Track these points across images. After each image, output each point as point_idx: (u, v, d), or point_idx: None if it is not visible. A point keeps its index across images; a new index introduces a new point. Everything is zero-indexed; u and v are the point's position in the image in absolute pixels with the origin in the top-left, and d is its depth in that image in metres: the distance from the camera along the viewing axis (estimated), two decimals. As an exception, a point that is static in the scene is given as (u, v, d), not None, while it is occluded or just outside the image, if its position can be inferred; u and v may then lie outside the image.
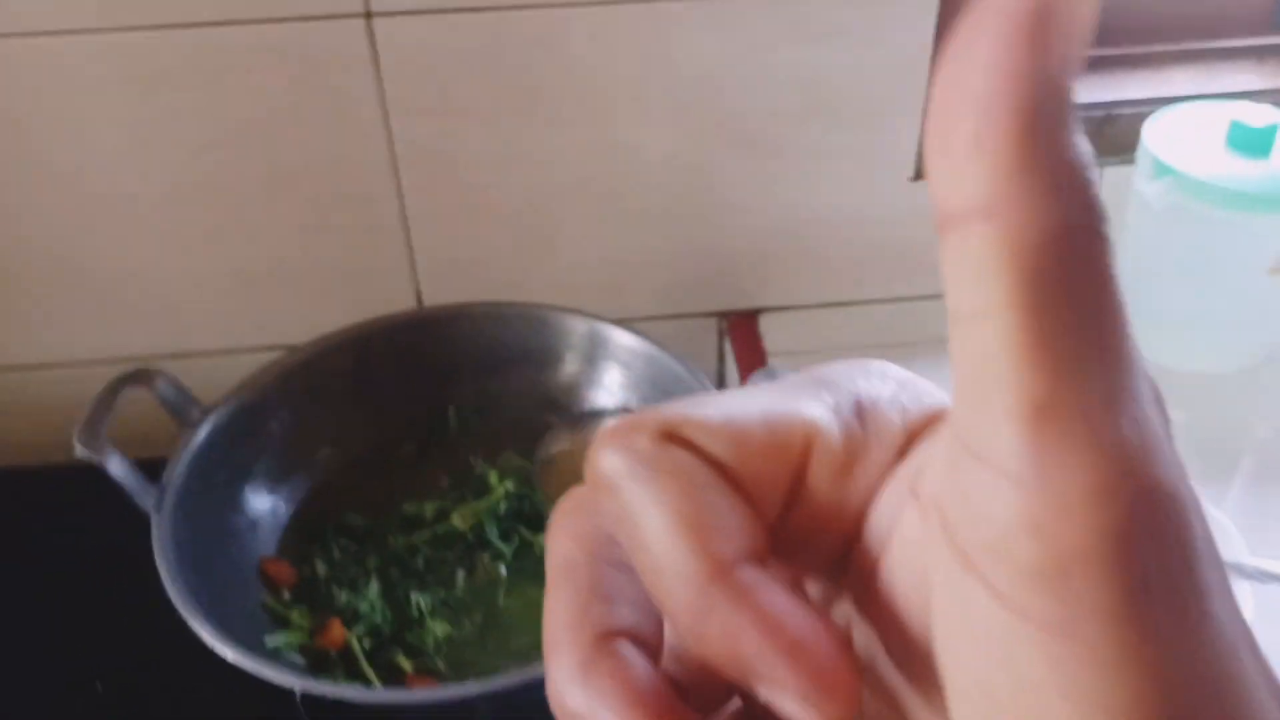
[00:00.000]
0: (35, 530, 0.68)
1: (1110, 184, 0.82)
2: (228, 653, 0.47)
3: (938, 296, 0.63)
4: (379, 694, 0.50)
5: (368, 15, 0.67)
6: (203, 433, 0.58)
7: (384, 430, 0.65)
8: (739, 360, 0.80)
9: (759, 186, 0.80)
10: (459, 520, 0.61)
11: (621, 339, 0.65)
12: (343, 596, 0.57)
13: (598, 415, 0.65)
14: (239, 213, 0.74)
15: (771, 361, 0.78)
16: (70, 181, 0.72)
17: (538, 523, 0.61)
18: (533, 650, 0.54)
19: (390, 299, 0.75)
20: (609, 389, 0.66)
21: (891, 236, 0.83)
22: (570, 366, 0.66)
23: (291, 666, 0.52)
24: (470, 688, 0.46)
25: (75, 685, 0.59)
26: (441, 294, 0.77)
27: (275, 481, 0.61)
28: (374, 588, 0.57)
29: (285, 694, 0.55)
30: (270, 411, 0.61)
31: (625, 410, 0.65)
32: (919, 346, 0.82)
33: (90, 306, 0.77)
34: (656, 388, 0.64)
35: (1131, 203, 0.78)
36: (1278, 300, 0.78)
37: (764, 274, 0.85)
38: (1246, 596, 0.58)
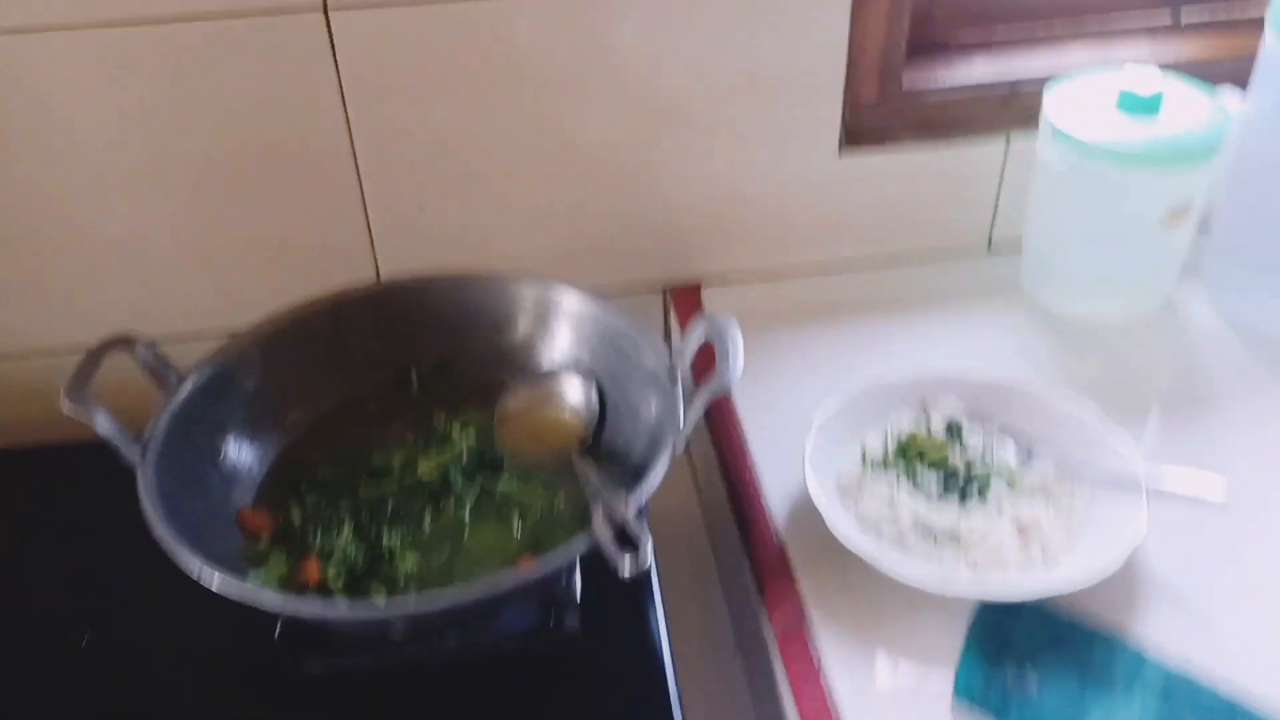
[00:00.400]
0: (23, 507, 0.71)
1: (1018, 153, 0.89)
2: (214, 579, 0.51)
3: (867, 263, 0.70)
4: (353, 609, 0.53)
5: (325, 9, 0.72)
6: (181, 393, 0.62)
7: (351, 392, 0.70)
8: (684, 331, 0.86)
9: (696, 164, 0.85)
10: (424, 469, 0.65)
11: (570, 300, 0.70)
12: (317, 539, 0.61)
13: (552, 372, 0.70)
14: (206, 195, 0.78)
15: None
16: (47, 168, 0.75)
17: (497, 470, 0.66)
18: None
19: (350, 272, 0.80)
20: (561, 348, 0.70)
21: (821, 207, 0.89)
22: (524, 328, 0.71)
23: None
24: (436, 601, 0.51)
25: (67, 639, 0.62)
26: (398, 267, 0.82)
27: (250, 439, 0.65)
28: (347, 530, 0.61)
29: (265, 634, 0.59)
30: (244, 375, 0.65)
31: (582, 368, 0.70)
32: (850, 311, 0.88)
33: (61, 289, 0.80)
34: (606, 343, 0.69)
35: (1037, 169, 0.85)
36: (1170, 251, 0.85)
37: (705, 247, 0.90)
38: (1141, 520, 0.64)
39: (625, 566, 0.50)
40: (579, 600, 0.63)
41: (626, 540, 0.51)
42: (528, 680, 0.60)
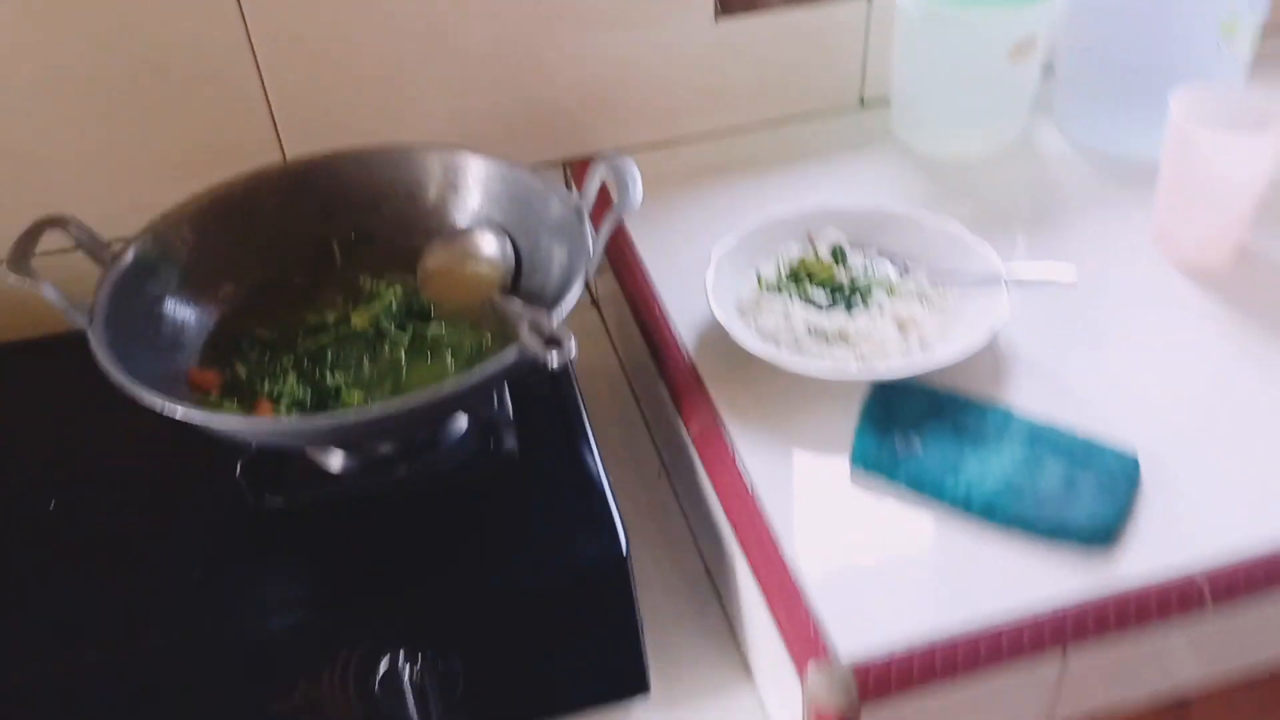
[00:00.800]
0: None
1: (881, 7, 0.96)
2: (177, 410, 0.56)
3: (751, 126, 0.78)
4: (306, 422, 0.58)
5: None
6: (119, 265, 0.66)
7: (278, 266, 0.74)
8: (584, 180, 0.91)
9: (582, 42, 0.90)
10: (358, 320, 0.70)
11: (476, 164, 0.75)
12: (265, 386, 0.66)
13: (467, 229, 0.75)
14: (107, 103, 0.81)
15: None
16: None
17: (426, 318, 0.71)
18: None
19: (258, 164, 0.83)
20: (472, 208, 0.76)
21: (703, 75, 0.95)
22: (435, 194, 0.76)
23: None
24: (379, 410, 0.56)
25: (35, 506, 0.67)
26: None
27: (188, 307, 0.69)
28: (292, 377, 0.66)
29: (225, 477, 0.64)
30: (175, 248, 0.69)
31: (494, 224, 0.75)
32: (738, 170, 0.95)
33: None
34: (514, 199, 0.74)
35: (897, 20, 0.92)
36: (1019, 86, 0.93)
37: (597, 123, 0.96)
38: (1003, 304, 0.72)
39: (553, 359, 0.56)
40: (514, 424, 0.69)
41: (551, 342, 0.57)
42: (473, 501, 0.66)
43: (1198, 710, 0.65)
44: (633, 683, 0.65)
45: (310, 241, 0.76)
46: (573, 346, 0.57)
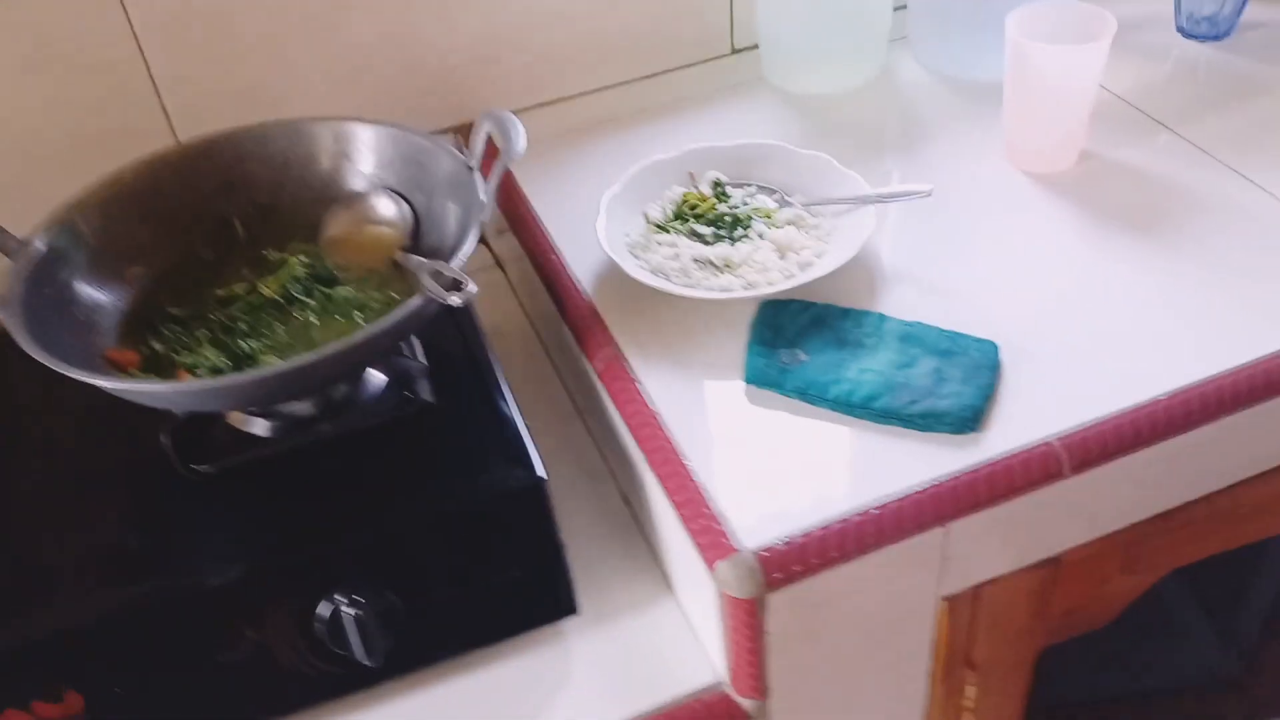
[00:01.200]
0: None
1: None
2: (105, 382, 0.59)
3: (628, 81, 0.83)
4: (229, 380, 0.61)
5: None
6: (27, 255, 0.68)
7: (183, 245, 0.76)
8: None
9: (459, 8, 0.93)
10: (267, 290, 0.73)
11: (364, 131, 0.78)
12: (183, 359, 0.69)
13: (363, 193, 0.78)
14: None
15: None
16: None
17: (332, 281, 0.74)
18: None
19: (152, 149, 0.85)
20: (365, 174, 0.79)
21: (578, 33, 0.99)
22: (328, 164, 0.79)
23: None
24: (294, 363, 0.60)
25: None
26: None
27: (99, 290, 0.71)
28: (207, 347, 0.69)
29: (150, 450, 0.67)
30: (81, 236, 0.71)
31: (387, 187, 0.78)
32: (619, 123, 0.99)
33: None
34: (406, 162, 0.78)
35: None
36: (875, 20, 0.99)
37: (480, 87, 0.99)
38: (870, 218, 0.78)
39: (456, 299, 0.60)
40: (429, 375, 0.73)
41: (453, 286, 0.61)
42: (395, 449, 0.70)
43: (1067, 566, 0.72)
44: (562, 604, 0.70)
45: (212, 219, 0.78)
46: (473, 286, 0.61)
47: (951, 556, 0.68)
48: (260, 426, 0.71)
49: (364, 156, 0.79)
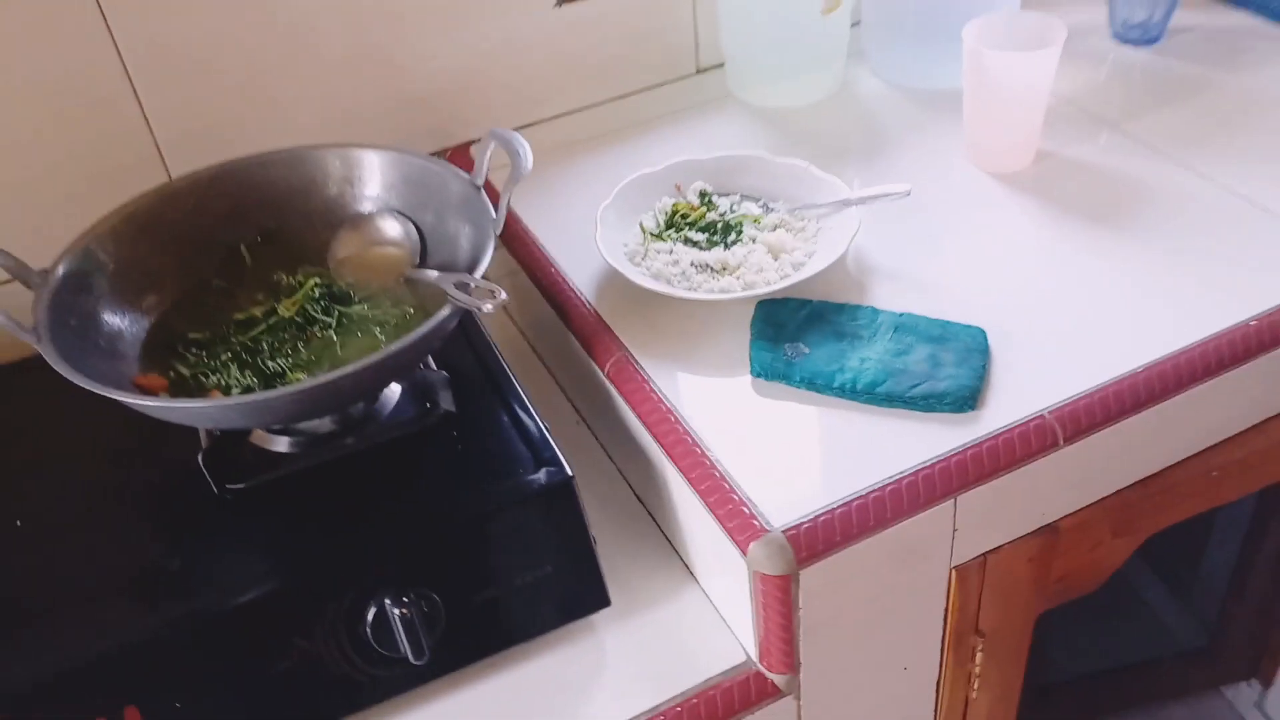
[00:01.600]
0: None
1: (702, -22, 1.06)
2: (153, 402, 0.60)
3: (602, 101, 0.87)
4: (270, 396, 0.63)
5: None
6: (49, 286, 0.69)
7: (192, 273, 0.78)
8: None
9: (437, 32, 0.96)
10: (285, 310, 0.75)
11: (368, 156, 0.81)
12: (211, 380, 0.70)
13: (370, 214, 0.80)
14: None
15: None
16: None
17: (347, 299, 0.77)
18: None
19: (146, 186, 0.86)
20: (372, 197, 0.81)
21: (550, 58, 1.03)
22: (334, 189, 0.81)
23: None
24: (345, 370, 0.62)
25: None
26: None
27: (119, 319, 0.73)
28: (234, 368, 0.71)
29: (186, 470, 0.69)
30: (99, 264, 0.72)
31: (393, 209, 0.81)
32: (598, 141, 1.03)
33: None
34: (410, 184, 0.80)
35: (721, -14, 1.02)
36: (834, 37, 1.04)
37: (464, 112, 1.02)
38: (855, 219, 0.83)
39: (489, 305, 0.63)
40: (448, 384, 0.75)
41: (481, 293, 0.64)
42: (424, 456, 0.72)
43: (1063, 532, 0.77)
44: (595, 598, 0.73)
45: (221, 247, 0.80)
46: (503, 293, 0.64)
47: (960, 527, 0.72)
48: (283, 445, 0.72)
49: (368, 180, 0.81)
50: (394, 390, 0.76)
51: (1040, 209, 0.89)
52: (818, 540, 0.65)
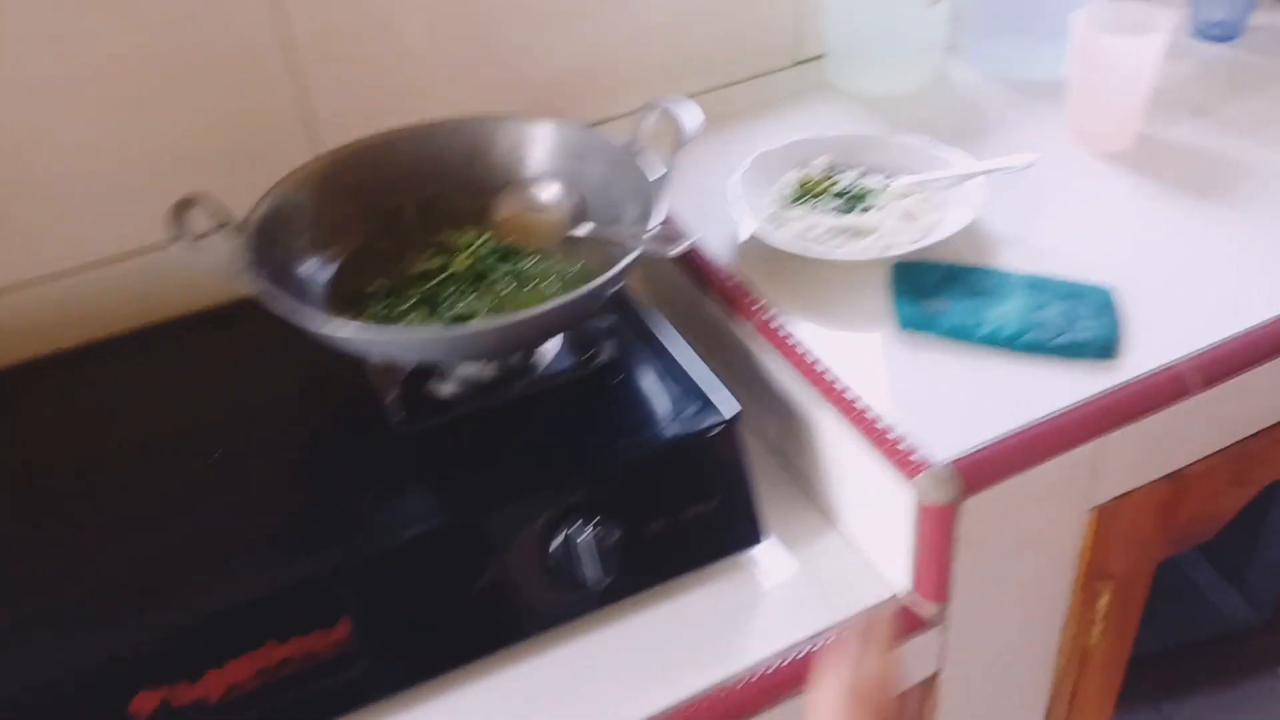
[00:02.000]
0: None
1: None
2: (348, 328, 0.65)
3: (709, 90, 0.90)
4: (471, 328, 0.67)
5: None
6: (249, 228, 0.74)
7: (361, 234, 0.82)
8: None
9: (566, 23, 1.01)
10: (459, 264, 0.80)
11: (529, 126, 0.86)
12: (408, 321, 0.75)
13: (530, 179, 0.85)
14: (145, 105, 0.86)
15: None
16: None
17: (516, 256, 0.81)
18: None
19: (298, 154, 0.90)
20: (534, 165, 0.86)
21: (663, 47, 1.08)
22: (494, 157, 0.86)
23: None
24: (537, 312, 0.67)
25: (200, 459, 0.73)
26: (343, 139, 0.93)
27: (306, 265, 0.78)
28: (421, 313, 0.75)
29: (368, 408, 0.73)
30: (279, 224, 0.77)
31: (554, 180, 0.85)
32: (713, 126, 1.07)
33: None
34: (570, 152, 0.85)
35: (831, -20, 1.08)
36: (936, 26, 1.10)
37: (584, 93, 1.06)
38: (982, 187, 0.88)
39: (676, 248, 0.67)
40: (611, 333, 0.79)
41: (669, 238, 0.69)
42: (590, 400, 0.77)
43: (1189, 479, 0.81)
44: (751, 534, 0.77)
45: (385, 210, 0.84)
46: (690, 237, 0.69)
47: (1099, 470, 0.76)
48: (449, 390, 0.77)
49: (528, 148, 0.86)
50: (553, 341, 0.80)
51: (1147, 183, 0.94)
52: (981, 472, 0.70)
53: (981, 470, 0.70)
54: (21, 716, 0.60)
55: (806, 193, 0.91)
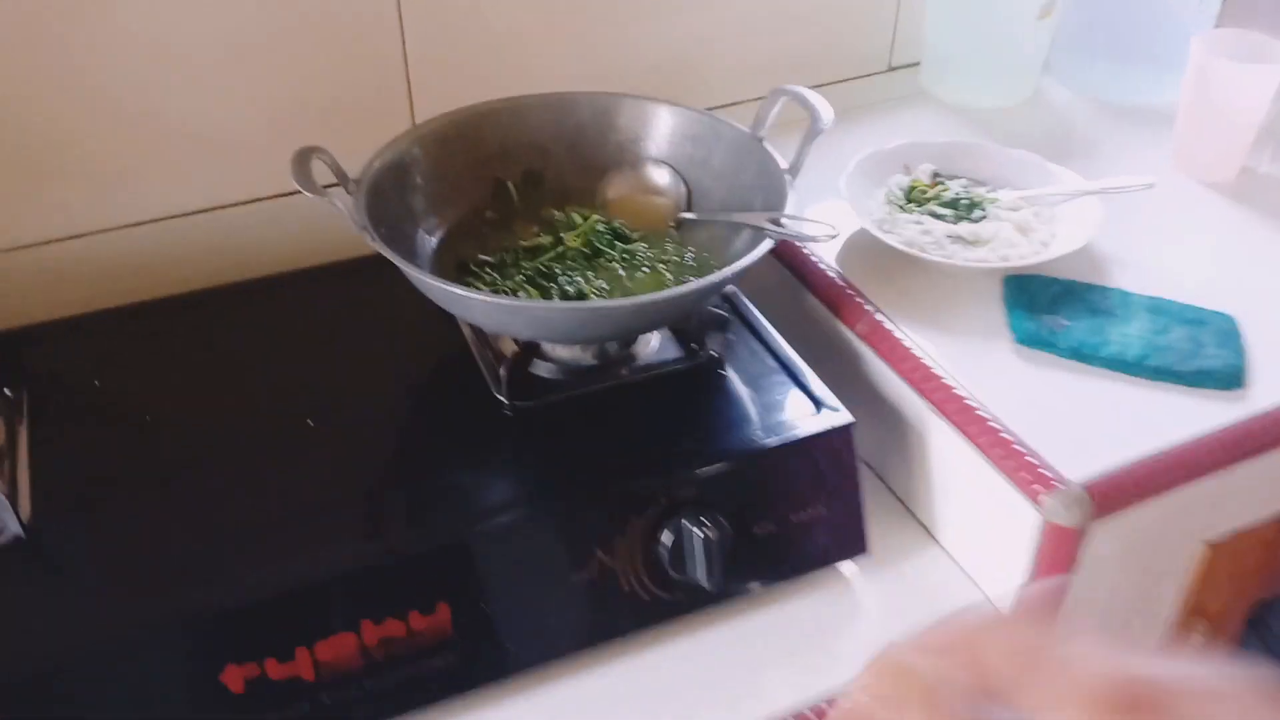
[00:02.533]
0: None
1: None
2: (475, 296, 0.62)
3: (810, 88, 0.83)
4: (591, 305, 0.64)
5: None
6: (362, 190, 0.70)
7: (467, 203, 0.79)
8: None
9: (672, 9, 0.99)
10: (571, 241, 0.76)
11: (645, 105, 0.83)
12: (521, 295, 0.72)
13: (640, 163, 0.82)
14: (268, 64, 0.83)
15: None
16: (123, 43, 0.79)
17: (626, 237, 0.78)
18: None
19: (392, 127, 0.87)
20: (646, 146, 0.83)
21: (767, 44, 1.05)
22: (603, 135, 0.83)
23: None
24: (689, 286, 0.64)
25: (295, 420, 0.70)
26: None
27: (415, 229, 0.75)
28: (533, 290, 0.72)
29: (477, 387, 0.70)
30: (391, 184, 0.74)
31: (664, 164, 0.82)
32: (800, 126, 1.03)
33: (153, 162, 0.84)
34: (684, 137, 0.82)
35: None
36: (1040, 41, 1.08)
37: (684, 81, 1.04)
38: (1098, 207, 0.85)
39: (821, 236, 0.65)
40: (721, 328, 0.76)
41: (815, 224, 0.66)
42: (694, 394, 0.74)
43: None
44: (855, 544, 0.74)
45: (490, 181, 0.81)
46: (834, 227, 0.66)
47: (1219, 504, 0.74)
48: (548, 371, 0.74)
49: (644, 128, 0.83)
50: (656, 334, 0.77)
51: (1257, 215, 0.92)
52: (1112, 496, 0.67)
53: (1112, 494, 0.67)
54: (111, 674, 0.57)
55: (916, 197, 0.88)
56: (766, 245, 0.67)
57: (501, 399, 0.70)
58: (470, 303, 0.63)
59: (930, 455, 0.77)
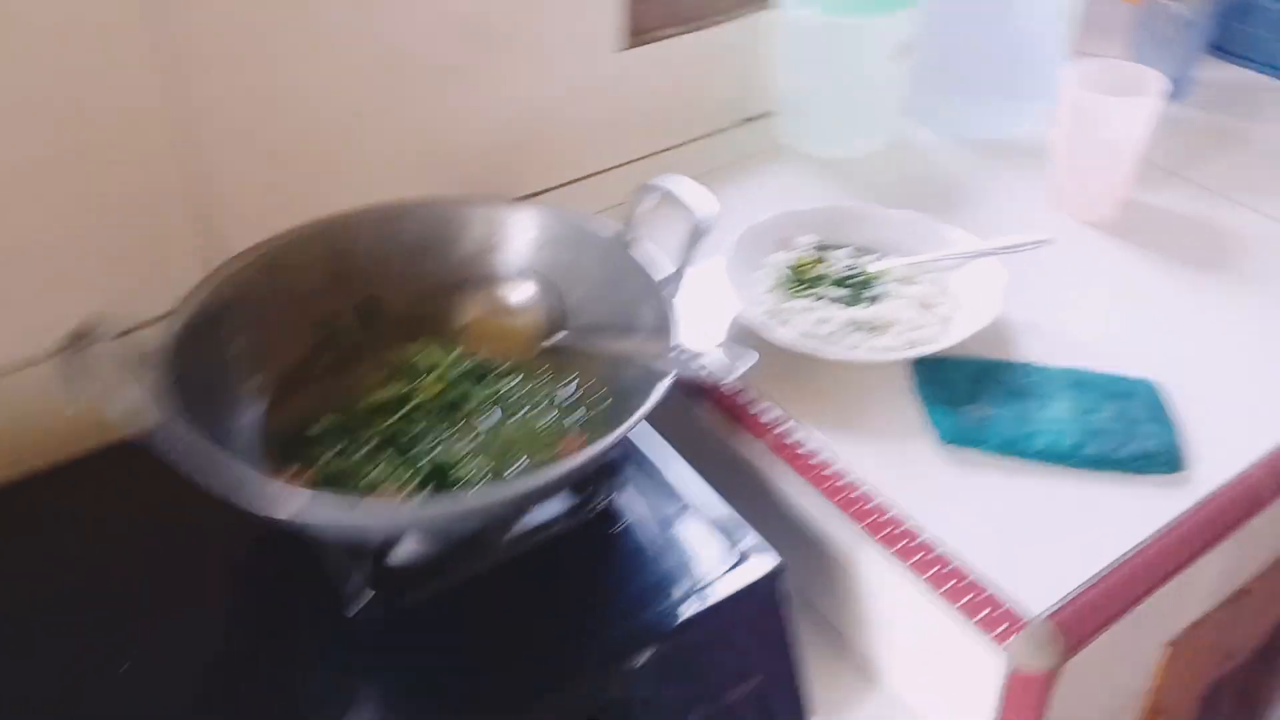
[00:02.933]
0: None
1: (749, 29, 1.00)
2: (303, 496, 0.48)
3: (649, 155, 0.74)
4: (485, 494, 0.52)
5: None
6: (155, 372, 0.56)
7: (295, 347, 0.65)
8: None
9: (489, 86, 0.86)
10: (426, 390, 0.64)
11: (491, 210, 0.71)
12: (376, 472, 0.58)
13: (494, 277, 0.70)
14: (34, 196, 0.67)
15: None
16: None
17: (491, 374, 0.66)
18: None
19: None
20: (516, 256, 0.70)
21: (613, 105, 0.95)
22: (467, 248, 0.70)
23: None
24: (551, 472, 0.52)
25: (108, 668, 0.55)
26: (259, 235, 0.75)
27: (231, 405, 0.60)
28: (393, 459, 0.59)
29: (321, 588, 0.57)
30: (193, 346, 0.59)
31: (526, 274, 0.70)
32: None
33: None
34: (548, 243, 0.70)
35: (782, 32, 0.97)
36: (896, 85, 1.01)
37: (514, 165, 0.92)
38: (998, 270, 0.78)
39: (735, 372, 0.54)
40: (610, 472, 0.65)
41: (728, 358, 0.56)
42: (592, 555, 0.62)
43: (1254, 595, 0.73)
44: (802, 708, 0.64)
45: (321, 317, 0.67)
46: (754, 356, 0.56)
47: (1178, 602, 0.67)
48: (412, 552, 0.61)
49: (495, 238, 0.71)
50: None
51: (1147, 255, 0.88)
52: (1084, 625, 0.59)
53: (1084, 622, 0.59)
54: None
55: (802, 279, 0.79)
56: (667, 383, 0.56)
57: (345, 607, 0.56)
58: (285, 509, 0.50)
59: (864, 586, 0.68)
